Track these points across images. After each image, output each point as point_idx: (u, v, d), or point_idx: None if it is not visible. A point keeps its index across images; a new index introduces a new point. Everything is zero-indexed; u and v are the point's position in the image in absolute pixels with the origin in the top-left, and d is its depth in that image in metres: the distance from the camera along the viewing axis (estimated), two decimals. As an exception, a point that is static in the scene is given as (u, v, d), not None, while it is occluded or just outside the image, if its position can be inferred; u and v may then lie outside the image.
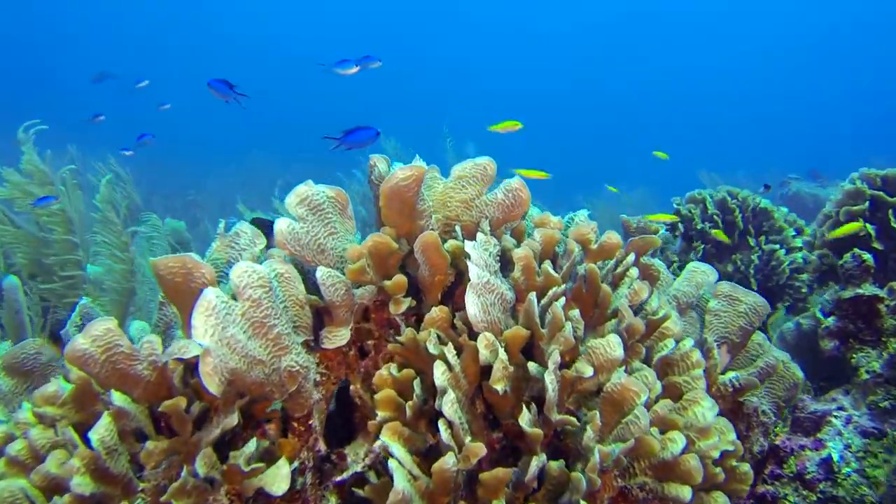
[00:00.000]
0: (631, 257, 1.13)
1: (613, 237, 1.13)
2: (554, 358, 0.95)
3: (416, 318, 1.16)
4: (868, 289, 1.58)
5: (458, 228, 1.17)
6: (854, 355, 1.58)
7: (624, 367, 1.02)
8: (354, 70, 3.01)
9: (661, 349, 1.08)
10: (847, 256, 1.63)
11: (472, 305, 0.97)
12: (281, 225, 1.09)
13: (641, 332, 1.05)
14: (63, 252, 2.18)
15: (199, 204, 7.17)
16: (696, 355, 1.09)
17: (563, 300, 1.02)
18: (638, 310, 1.14)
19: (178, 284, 1.01)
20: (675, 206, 2.72)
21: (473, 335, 0.99)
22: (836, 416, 1.50)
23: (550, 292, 1.04)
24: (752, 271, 2.48)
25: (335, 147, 2.12)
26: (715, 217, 2.58)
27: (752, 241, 2.55)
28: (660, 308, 1.12)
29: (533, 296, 1.00)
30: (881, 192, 1.68)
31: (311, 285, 1.11)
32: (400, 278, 1.07)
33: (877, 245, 1.68)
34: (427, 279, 1.10)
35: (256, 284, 0.99)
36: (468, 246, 1.04)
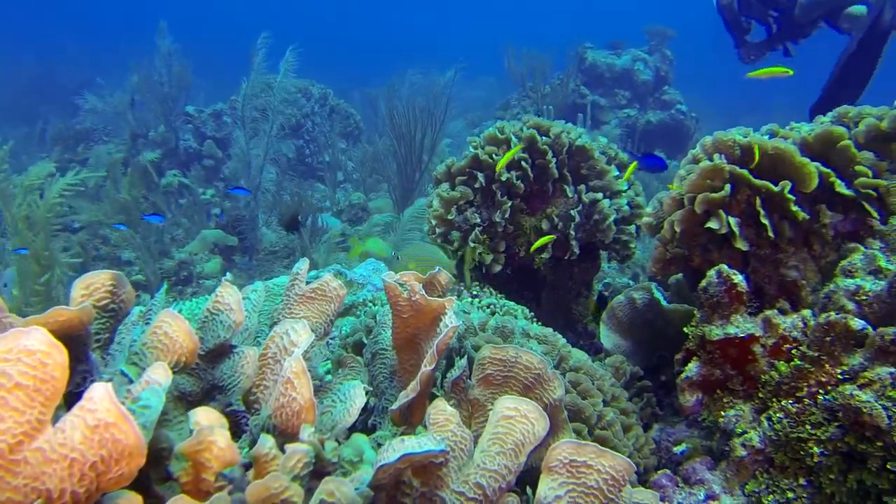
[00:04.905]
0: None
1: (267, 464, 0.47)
2: None
3: None
4: (741, 325, 1.11)
5: None
6: (723, 412, 1.14)
7: None
8: None
9: None
10: (711, 275, 1.14)
11: None
12: None
13: None
14: None
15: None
16: None
17: None
18: None
19: None
20: (471, 149, 2.11)
21: None
22: (706, 514, 1.07)
23: None
24: (572, 231, 2.00)
25: None
26: (523, 163, 2.03)
27: (569, 191, 2.05)
28: None
29: None
30: (744, 172, 1.19)
31: None
32: None
33: (740, 245, 1.21)
34: None
35: None
36: None
